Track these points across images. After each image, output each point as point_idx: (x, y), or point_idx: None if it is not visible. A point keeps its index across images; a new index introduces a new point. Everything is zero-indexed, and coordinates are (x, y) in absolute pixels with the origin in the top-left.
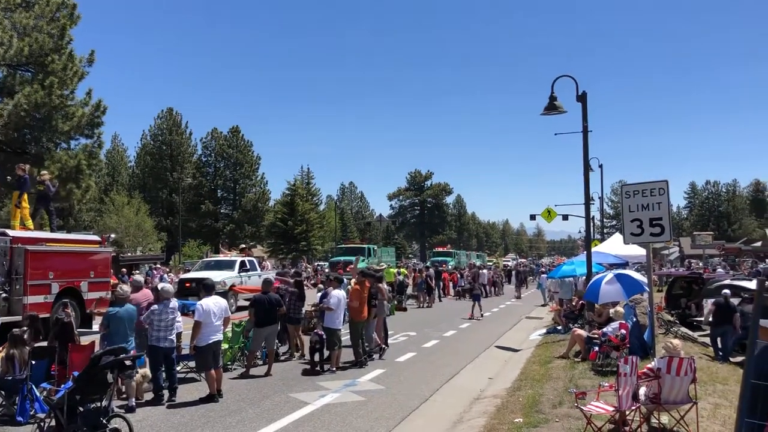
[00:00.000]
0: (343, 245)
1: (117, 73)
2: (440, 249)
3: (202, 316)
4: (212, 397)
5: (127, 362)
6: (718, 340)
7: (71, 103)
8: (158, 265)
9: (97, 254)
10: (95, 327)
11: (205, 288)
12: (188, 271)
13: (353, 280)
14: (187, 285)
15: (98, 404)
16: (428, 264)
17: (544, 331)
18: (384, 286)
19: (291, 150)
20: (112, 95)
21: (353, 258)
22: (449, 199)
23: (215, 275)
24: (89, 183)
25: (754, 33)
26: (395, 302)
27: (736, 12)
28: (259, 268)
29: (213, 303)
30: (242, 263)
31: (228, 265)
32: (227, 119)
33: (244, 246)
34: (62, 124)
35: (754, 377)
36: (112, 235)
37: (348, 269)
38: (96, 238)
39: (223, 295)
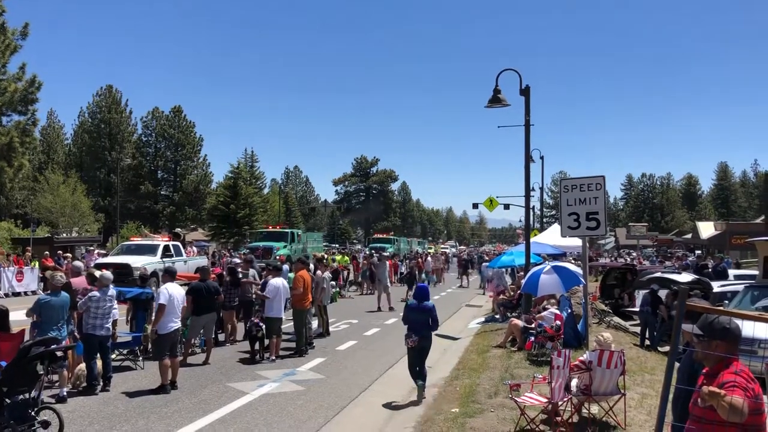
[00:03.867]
0: (263, 229)
1: (53, 47)
2: (379, 235)
3: (167, 300)
4: (163, 387)
5: (58, 353)
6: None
7: (3, 78)
8: (92, 248)
9: None
10: None
11: (168, 273)
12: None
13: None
14: (103, 270)
15: (26, 396)
16: (367, 251)
17: (483, 319)
18: (324, 273)
19: (235, 132)
20: (47, 70)
21: (274, 244)
22: (394, 186)
23: (135, 260)
24: (22, 161)
25: (694, 32)
26: (337, 289)
27: (677, 11)
28: (184, 254)
29: (176, 290)
30: (166, 248)
31: (150, 250)
32: (169, 99)
33: (177, 231)
34: None
35: (685, 378)
36: None
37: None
38: None
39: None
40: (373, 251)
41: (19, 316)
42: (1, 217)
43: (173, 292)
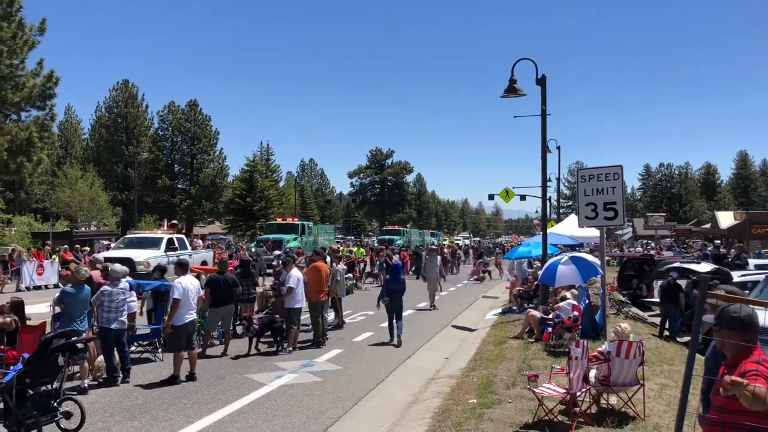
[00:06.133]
0: (273, 221)
1: (71, 42)
2: (389, 227)
3: (182, 294)
4: (174, 378)
5: (79, 345)
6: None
7: (21, 73)
8: (105, 242)
9: None
10: None
11: (181, 266)
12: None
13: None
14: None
15: (49, 387)
16: (375, 243)
17: (499, 310)
18: (338, 265)
19: (250, 125)
20: (65, 65)
21: (284, 236)
22: (410, 178)
23: (138, 254)
24: (41, 156)
25: (714, 21)
26: (353, 281)
27: (690, 1)
28: (189, 247)
29: (190, 282)
30: (170, 241)
31: (153, 243)
32: (185, 92)
33: (175, 222)
34: (12, 94)
35: (710, 368)
36: None
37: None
38: None
39: (146, 276)
40: (382, 243)
41: (40, 309)
42: (21, 212)
43: (187, 285)
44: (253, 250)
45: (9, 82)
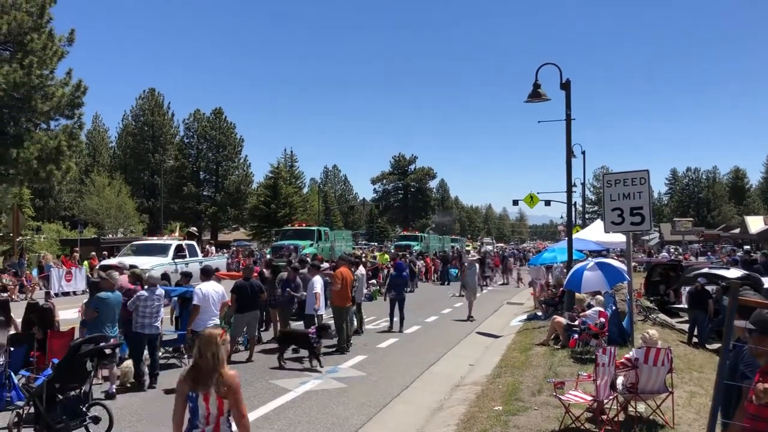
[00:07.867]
0: (289, 227)
1: (98, 52)
2: (406, 233)
3: (201, 300)
4: None
5: (107, 350)
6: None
7: (51, 83)
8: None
9: None
10: None
11: (204, 273)
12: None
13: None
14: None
15: (78, 392)
16: (392, 249)
17: (524, 317)
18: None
19: (274, 132)
20: (92, 75)
21: (300, 242)
22: (433, 184)
23: (144, 261)
24: (70, 164)
25: (737, 23)
26: (377, 287)
27: (719, 2)
28: (200, 254)
29: (212, 288)
30: (178, 248)
31: (161, 250)
32: (210, 100)
33: (192, 230)
34: (42, 104)
35: (726, 378)
36: None
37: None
38: None
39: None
40: (399, 249)
41: (68, 315)
42: (50, 219)
43: (207, 291)
44: (268, 257)
45: (39, 92)
